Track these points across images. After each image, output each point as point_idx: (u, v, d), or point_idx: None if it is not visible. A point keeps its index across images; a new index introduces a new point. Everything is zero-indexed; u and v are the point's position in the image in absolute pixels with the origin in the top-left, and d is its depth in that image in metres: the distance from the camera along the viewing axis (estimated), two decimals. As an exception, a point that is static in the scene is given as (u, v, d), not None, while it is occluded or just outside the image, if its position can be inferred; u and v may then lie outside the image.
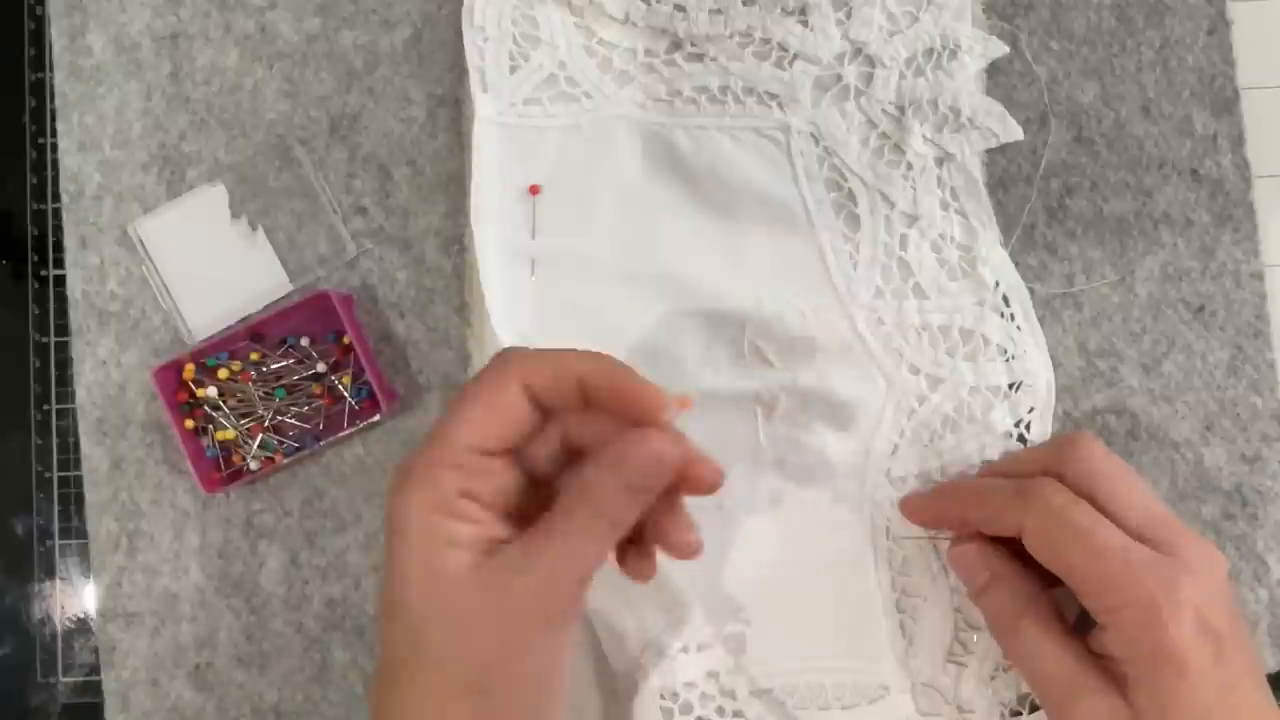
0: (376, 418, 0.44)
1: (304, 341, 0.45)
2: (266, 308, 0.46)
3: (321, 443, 0.44)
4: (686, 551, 0.35)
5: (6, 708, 0.46)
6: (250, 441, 0.44)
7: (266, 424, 0.45)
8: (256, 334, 0.45)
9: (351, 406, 0.44)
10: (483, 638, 0.32)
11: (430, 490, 0.32)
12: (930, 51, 0.45)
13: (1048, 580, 0.39)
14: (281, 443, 0.45)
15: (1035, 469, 0.40)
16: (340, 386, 0.45)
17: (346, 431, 0.44)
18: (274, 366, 0.45)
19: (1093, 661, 0.37)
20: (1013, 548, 0.39)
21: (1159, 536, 0.36)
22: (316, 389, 0.45)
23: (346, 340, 0.44)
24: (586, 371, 0.33)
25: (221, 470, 0.45)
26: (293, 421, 0.45)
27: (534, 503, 0.34)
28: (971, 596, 0.40)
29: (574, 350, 0.34)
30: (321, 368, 0.45)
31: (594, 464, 0.33)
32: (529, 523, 0.33)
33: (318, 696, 0.44)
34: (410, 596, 0.32)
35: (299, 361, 0.45)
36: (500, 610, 0.32)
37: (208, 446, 0.44)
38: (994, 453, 0.43)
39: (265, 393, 0.45)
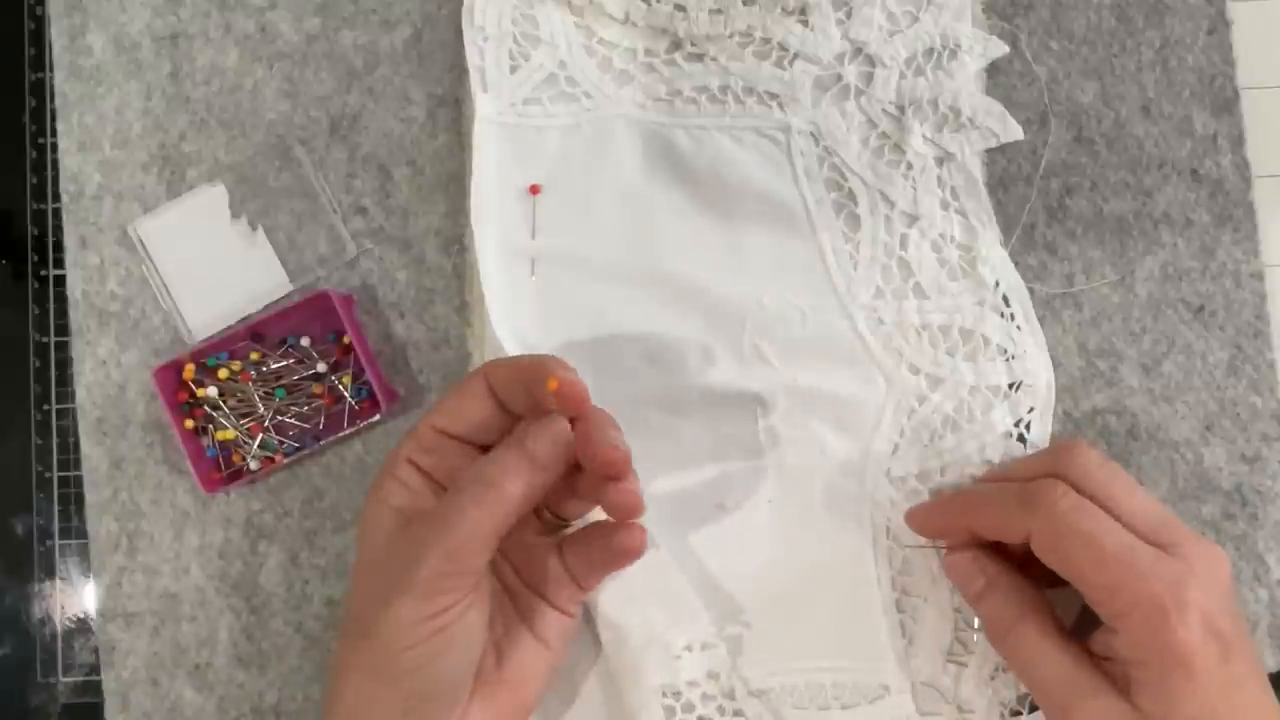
0: (376, 418, 0.44)
1: (304, 341, 0.45)
2: (266, 308, 0.46)
3: (321, 443, 0.44)
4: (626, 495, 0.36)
5: (6, 708, 0.46)
6: (250, 441, 0.44)
7: (266, 424, 0.45)
8: (256, 334, 0.45)
9: (351, 406, 0.44)
10: (372, 593, 0.35)
11: (391, 455, 0.37)
12: (930, 51, 0.45)
13: (1043, 583, 0.39)
14: (281, 443, 0.45)
15: (1031, 478, 0.39)
16: (340, 386, 0.45)
17: (346, 431, 0.44)
18: (274, 366, 0.45)
19: (1092, 664, 0.37)
20: (1007, 553, 0.39)
21: (1161, 539, 0.36)
22: (316, 389, 0.45)
23: (346, 340, 0.44)
24: (525, 366, 0.36)
25: (221, 470, 0.45)
26: (293, 421, 0.45)
27: None
28: (968, 604, 0.40)
29: (535, 355, 0.37)
30: (321, 368, 0.45)
31: (499, 445, 0.36)
32: None
33: (318, 696, 0.44)
34: (358, 545, 0.37)
35: (299, 361, 0.45)
36: (387, 571, 0.35)
37: (208, 446, 0.44)
38: (994, 453, 0.43)
39: (265, 393, 0.45)
